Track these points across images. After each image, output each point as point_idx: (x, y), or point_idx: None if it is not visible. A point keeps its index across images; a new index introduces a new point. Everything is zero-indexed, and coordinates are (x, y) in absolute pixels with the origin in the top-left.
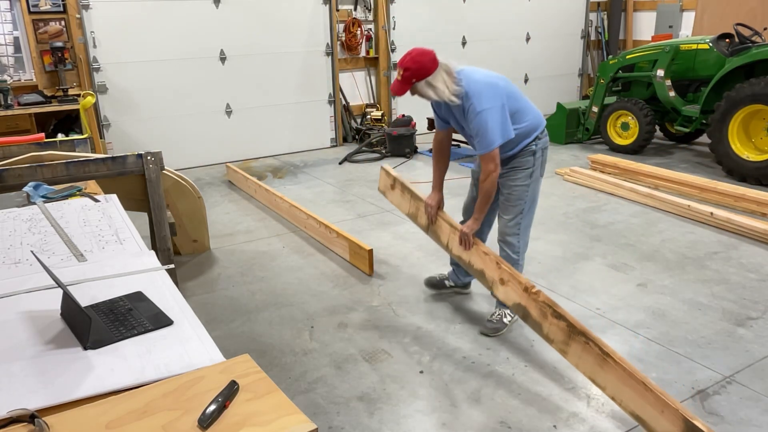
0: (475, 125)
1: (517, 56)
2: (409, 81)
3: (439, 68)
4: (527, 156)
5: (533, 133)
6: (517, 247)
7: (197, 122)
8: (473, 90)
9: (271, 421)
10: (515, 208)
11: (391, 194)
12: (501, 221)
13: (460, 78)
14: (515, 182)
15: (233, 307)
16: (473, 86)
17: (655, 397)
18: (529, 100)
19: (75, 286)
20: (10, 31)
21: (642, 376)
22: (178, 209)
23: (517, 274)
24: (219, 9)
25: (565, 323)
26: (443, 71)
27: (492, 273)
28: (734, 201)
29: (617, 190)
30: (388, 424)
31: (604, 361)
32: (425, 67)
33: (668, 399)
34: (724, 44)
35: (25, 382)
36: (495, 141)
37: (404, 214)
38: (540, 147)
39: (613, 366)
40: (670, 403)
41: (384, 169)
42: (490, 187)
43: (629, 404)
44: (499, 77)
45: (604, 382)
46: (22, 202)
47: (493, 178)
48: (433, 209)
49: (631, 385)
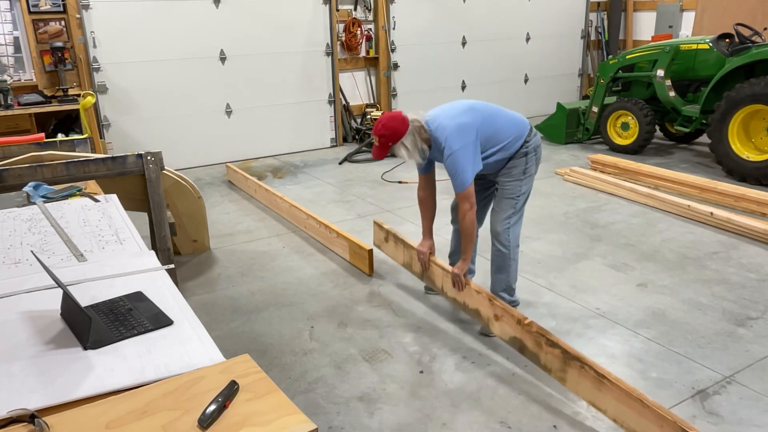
0: (448, 167)
1: (517, 56)
2: (386, 145)
3: (410, 128)
4: (520, 158)
5: (520, 140)
6: (508, 241)
7: (197, 122)
8: (443, 135)
9: (271, 421)
10: (509, 202)
11: (386, 247)
12: (493, 216)
13: (430, 127)
14: (510, 179)
15: (233, 307)
16: (442, 132)
17: (653, 413)
18: (507, 112)
19: (75, 286)
20: (10, 31)
21: (639, 393)
22: (178, 209)
23: (509, 308)
24: (219, 9)
25: (559, 350)
26: (413, 131)
27: (486, 310)
28: (734, 201)
29: (617, 190)
30: (388, 424)
31: (601, 383)
32: (397, 131)
33: (666, 413)
34: (724, 44)
35: (25, 382)
36: (467, 180)
37: (400, 265)
38: (532, 147)
39: (610, 387)
40: (668, 417)
41: (377, 223)
42: (470, 225)
43: (630, 424)
44: (469, 108)
45: (604, 405)
46: (22, 202)
47: (470, 217)
48: (425, 255)
49: (630, 404)
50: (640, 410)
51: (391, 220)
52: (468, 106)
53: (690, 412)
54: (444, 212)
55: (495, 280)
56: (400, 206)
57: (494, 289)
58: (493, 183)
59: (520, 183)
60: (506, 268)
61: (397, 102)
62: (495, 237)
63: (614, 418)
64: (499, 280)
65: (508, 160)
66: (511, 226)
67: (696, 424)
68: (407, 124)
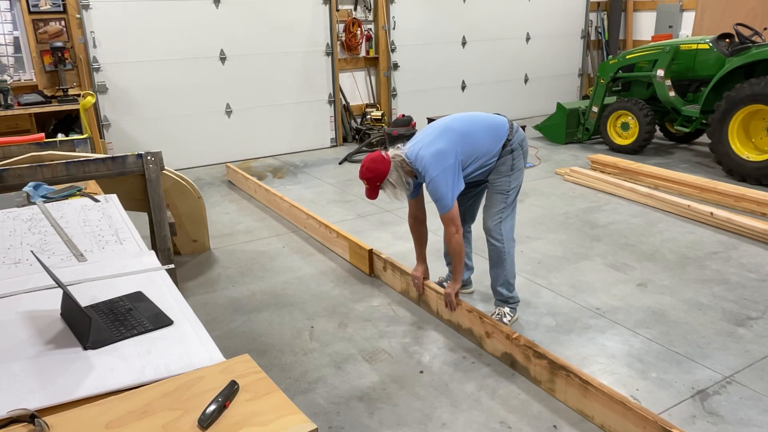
0: (430, 192)
1: (517, 56)
2: (375, 186)
3: (392, 165)
4: (506, 155)
5: (501, 142)
6: (501, 234)
7: (197, 122)
8: (422, 165)
9: (271, 421)
10: (499, 197)
11: (384, 275)
12: (485, 212)
13: (410, 159)
14: (499, 176)
15: (233, 307)
16: (420, 162)
17: (635, 414)
18: (484, 118)
19: (75, 286)
20: (10, 31)
21: (621, 396)
22: (178, 209)
23: (499, 324)
24: (219, 9)
25: (546, 361)
26: (396, 166)
27: (478, 328)
28: (734, 201)
29: (617, 190)
30: (388, 424)
31: (587, 390)
32: (380, 171)
33: (648, 414)
34: (724, 44)
35: (25, 382)
36: (448, 203)
37: (398, 292)
38: (516, 143)
39: (594, 393)
40: (650, 417)
41: (375, 252)
42: (458, 247)
43: (617, 428)
44: (444, 130)
45: (591, 411)
46: (22, 202)
47: (456, 240)
48: (419, 280)
49: (613, 408)
50: (623, 413)
51: (391, 220)
52: (442, 128)
53: (690, 412)
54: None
55: (493, 276)
56: (400, 206)
57: (493, 285)
58: (484, 180)
59: (509, 179)
60: (502, 263)
61: (397, 102)
62: (488, 233)
63: (601, 425)
64: (496, 275)
65: (495, 162)
66: (503, 221)
67: (696, 424)
68: (388, 162)
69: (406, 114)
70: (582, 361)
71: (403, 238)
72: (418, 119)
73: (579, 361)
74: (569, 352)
